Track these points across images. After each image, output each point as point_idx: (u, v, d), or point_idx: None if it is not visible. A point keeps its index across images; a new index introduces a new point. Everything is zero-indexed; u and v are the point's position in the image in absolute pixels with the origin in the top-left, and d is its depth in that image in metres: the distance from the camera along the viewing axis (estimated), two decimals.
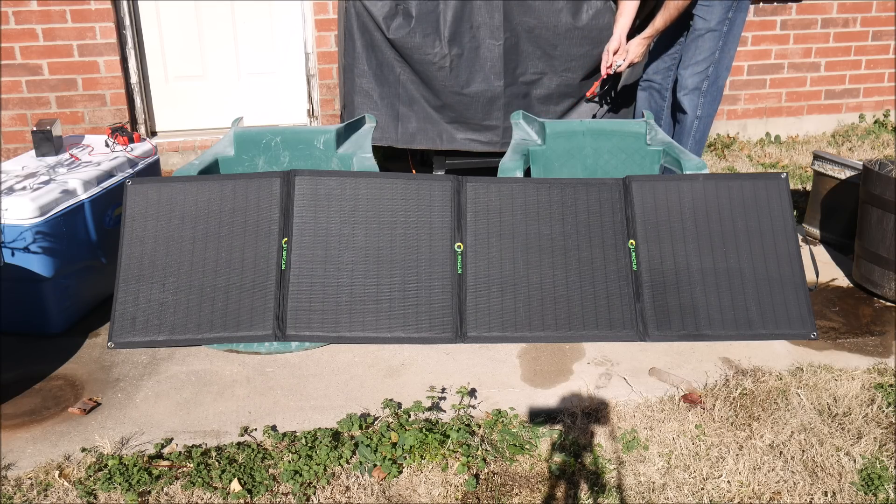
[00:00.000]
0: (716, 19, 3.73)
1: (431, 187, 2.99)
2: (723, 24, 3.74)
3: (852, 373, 2.71)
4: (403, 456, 2.28)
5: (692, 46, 3.80)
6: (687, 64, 3.83)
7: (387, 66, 4.01)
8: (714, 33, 3.74)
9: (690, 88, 3.85)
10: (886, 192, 3.12)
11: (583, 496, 2.15)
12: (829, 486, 2.18)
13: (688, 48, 3.82)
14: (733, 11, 3.75)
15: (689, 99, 3.86)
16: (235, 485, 2.16)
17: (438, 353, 2.86)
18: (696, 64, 3.81)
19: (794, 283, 2.91)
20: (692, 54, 3.80)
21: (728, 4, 3.72)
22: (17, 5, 4.60)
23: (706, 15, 3.73)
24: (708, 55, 3.78)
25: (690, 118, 3.89)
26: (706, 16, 3.73)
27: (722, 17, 3.73)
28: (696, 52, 3.80)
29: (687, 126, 3.91)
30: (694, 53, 3.80)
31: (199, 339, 2.77)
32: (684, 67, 3.83)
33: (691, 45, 3.80)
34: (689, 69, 3.82)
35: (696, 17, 3.77)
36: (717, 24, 3.74)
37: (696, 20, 3.77)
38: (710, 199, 3.02)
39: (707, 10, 3.73)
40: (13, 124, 4.84)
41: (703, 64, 3.80)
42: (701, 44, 3.78)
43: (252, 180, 2.96)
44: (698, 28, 3.76)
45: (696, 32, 3.78)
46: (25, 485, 2.17)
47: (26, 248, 2.83)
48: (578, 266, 2.91)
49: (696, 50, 3.79)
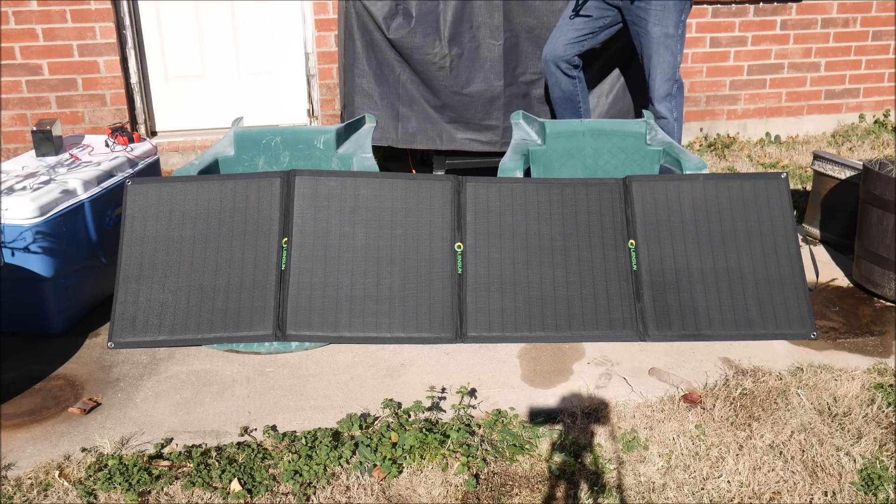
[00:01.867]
0: (672, 24, 3.69)
1: (431, 187, 2.99)
2: (678, 28, 3.71)
3: (852, 373, 2.71)
4: (403, 456, 2.28)
5: (655, 54, 3.73)
6: (654, 73, 3.77)
7: (387, 66, 4.01)
8: (672, 38, 3.71)
9: (664, 95, 3.80)
10: (886, 192, 3.12)
11: (583, 496, 2.15)
12: (829, 486, 2.18)
13: (650, 56, 3.75)
14: (685, 14, 3.73)
15: (665, 106, 3.82)
16: (235, 485, 2.16)
17: (438, 353, 2.86)
18: (664, 71, 3.75)
19: (794, 283, 2.91)
20: (657, 62, 3.74)
21: (681, 7, 3.69)
22: (17, 5, 4.60)
23: (662, 21, 3.68)
24: (672, 60, 3.74)
25: (670, 122, 3.88)
26: (662, 21, 3.68)
27: (677, 21, 3.70)
28: (660, 59, 3.74)
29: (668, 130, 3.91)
30: (659, 61, 3.74)
31: (199, 339, 2.77)
32: (652, 77, 3.78)
33: (653, 52, 3.73)
34: (657, 78, 3.77)
35: (651, 24, 3.69)
36: (674, 28, 3.70)
37: (650, 26, 3.70)
38: (710, 199, 3.02)
39: (662, 16, 3.68)
40: (13, 124, 4.84)
41: (671, 70, 3.76)
42: (663, 51, 3.72)
43: (252, 180, 2.96)
44: (655, 34, 3.70)
45: (655, 39, 3.71)
46: (25, 485, 2.17)
47: (26, 248, 2.83)
48: (578, 266, 2.91)
49: (659, 57, 3.73)
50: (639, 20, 3.74)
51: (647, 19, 3.71)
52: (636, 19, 3.75)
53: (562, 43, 3.83)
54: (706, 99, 5.64)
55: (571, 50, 3.83)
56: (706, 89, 5.61)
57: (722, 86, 5.63)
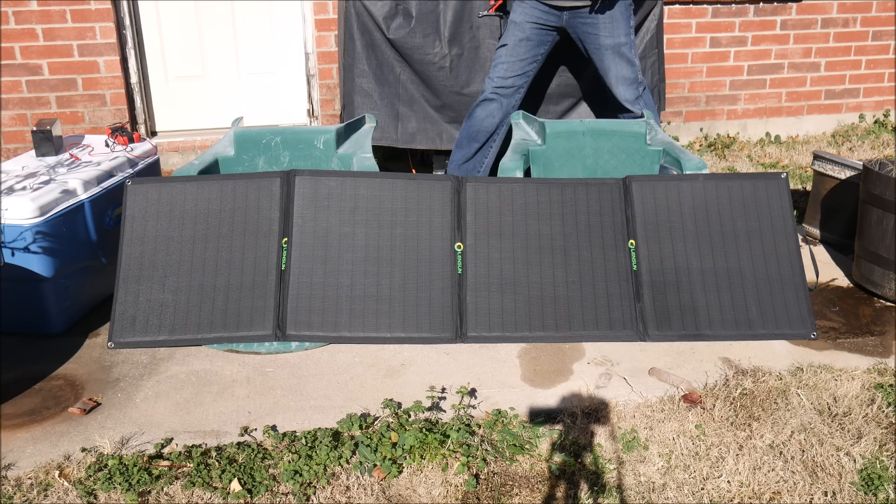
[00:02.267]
0: (623, 32, 3.63)
1: (431, 187, 2.99)
2: (629, 34, 3.66)
3: (852, 373, 2.71)
4: (403, 456, 2.28)
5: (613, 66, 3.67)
6: (617, 84, 3.70)
7: (387, 66, 4.01)
8: (626, 45, 3.65)
9: (633, 100, 3.75)
10: (886, 192, 3.12)
11: (583, 496, 2.15)
12: (829, 486, 2.18)
13: (608, 69, 3.68)
14: (632, 18, 3.69)
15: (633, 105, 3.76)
16: (235, 485, 2.16)
17: (438, 353, 2.86)
18: (626, 79, 3.70)
19: (794, 283, 2.91)
20: (617, 72, 3.68)
21: (628, 14, 3.64)
22: (17, 5, 4.59)
23: (612, 32, 3.61)
24: (631, 66, 3.69)
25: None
26: (612, 33, 3.61)
27: (627, 29, 3.65)
28: (619, 69, 3.68)
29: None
30: (619, 71, 3.68)
31: (199, 339, 2.77)
32: (615, 87, 3.71)
33: (611, 64, 3.67)
34: (621, 87, 3.71)
35: (602, 37, 3.62)
36: (626, 36, 3.65)
37: (601, 39, 3.63)
38: (710, 199, 3.02)
39: (611, 28, 3.61)
40: (13, 124, 4.84)
41: (632, 75, 3.71)
42: (619, 60, 3.66)
43: (252, 180, 2.96)
44: (608, 46, 3.63)
45: (609, 51, 3.64)
46: (25, 485, 2.17)
47: (26, 248, 2.83)
48: (578, 266, 2.91)
49: (618, 68, 3.68)
50: (588, 36, 3.65)
51: (597, 34, 3.63)
52: (585, 35, 3.66)
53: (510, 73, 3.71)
54: (706, 99, 5.64)
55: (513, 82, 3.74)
56: (706, 89, 5.61)
57: (722, 86, 5.63)
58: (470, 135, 3.83)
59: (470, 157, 3.86)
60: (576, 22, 3.64)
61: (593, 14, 3.59)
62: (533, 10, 3.63)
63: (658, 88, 4.32)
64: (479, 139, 3.84)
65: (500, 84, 3.72)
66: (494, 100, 3.75)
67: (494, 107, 3.76)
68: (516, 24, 3.65)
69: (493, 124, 3.79)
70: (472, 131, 3.81)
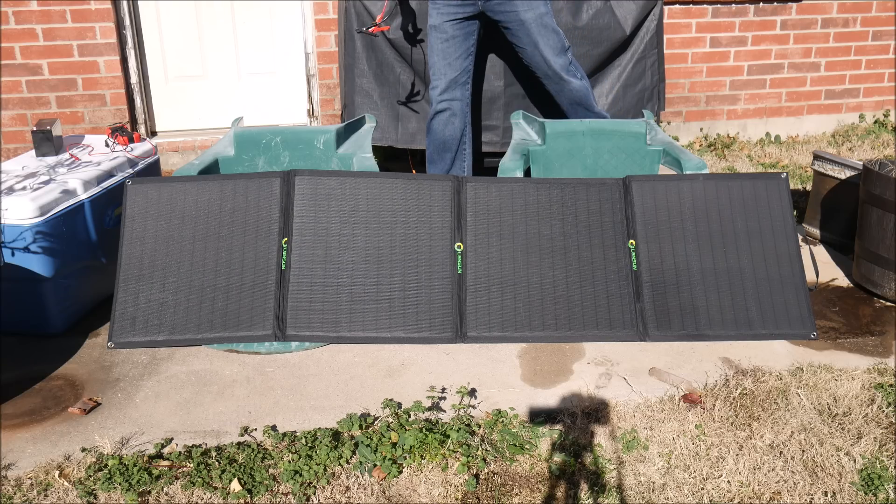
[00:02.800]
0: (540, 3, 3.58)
1: (431, 187, 2.99)
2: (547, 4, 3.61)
3: (852, 373, 2.71)
4: (403, 456, 2.28)
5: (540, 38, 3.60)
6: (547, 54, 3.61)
7: (387, 66, 4.01)
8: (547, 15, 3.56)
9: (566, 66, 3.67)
10: (886, 192, 3.12)
11: (583, 496, 2.15)
12: (829, 486, 2.18)
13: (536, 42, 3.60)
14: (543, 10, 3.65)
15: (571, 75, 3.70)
16: (235, 485, 2.16)
17: (438, 353, 2.86)
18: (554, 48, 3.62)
19: (794, 283, 2.91)
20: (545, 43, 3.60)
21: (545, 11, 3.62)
22: (17, 5, 4.60)
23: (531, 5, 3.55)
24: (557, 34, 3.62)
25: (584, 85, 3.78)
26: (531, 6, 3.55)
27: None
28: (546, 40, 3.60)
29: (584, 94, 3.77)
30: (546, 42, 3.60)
31: (199, 339, 2.77)
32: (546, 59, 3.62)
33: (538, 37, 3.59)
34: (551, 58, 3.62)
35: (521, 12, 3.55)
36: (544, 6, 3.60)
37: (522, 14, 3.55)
38: (710, 199, 3.02)
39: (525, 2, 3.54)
40: (13, 124, 4.84)
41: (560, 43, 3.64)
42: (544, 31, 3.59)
43: (252, 180, 2.96)
44: (530, 20, 3.56)
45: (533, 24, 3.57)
46: (25, 485, 2.17)
47: (26, 248, 2.83)
48: (578, 266, 2.91)
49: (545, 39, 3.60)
50: (507, 14, 3.59)
51: (515, 10, 3.56)
52: (505, 15, 3.60)
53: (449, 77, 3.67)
54: (706, 99, 5.64)
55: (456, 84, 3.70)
56: (706, 89, 5.61)
57: (722, 86, 5.63)
58: (438, 148, 3.81)
59: (449, 168, 3.86)
60: (492, 4, 3.59)
61: None
62: (446, 7, 3.60)
63: (658, 88, 4.32)
64: (450, 148, 3.82)
65: (444, 91, 3.70)
66: (446, 109, 3.73)
67: (447, 115, 3.74)
68: (436, 28, 3.64)
69: (456, 129, 3.77)
70: (439, 144, 3.79)
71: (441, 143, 3.78)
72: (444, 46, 3.63)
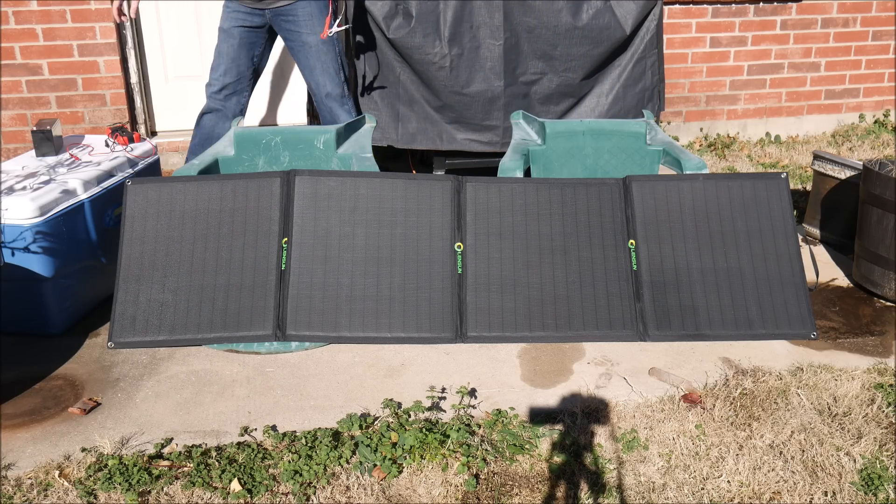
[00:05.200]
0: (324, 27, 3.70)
1: (431, 187, 2.99)
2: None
3: (852, 373, 2.71)
4: (403, 456, 2.28)
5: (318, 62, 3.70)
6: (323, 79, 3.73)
7: (387, 66, 4.01)
8: (328, 41, 3.68)
9: (340, 95, 3.78)
10: (886, 192, 3.12)
11: (583, 496, 2.15)
12: (829, 486, 2.18)
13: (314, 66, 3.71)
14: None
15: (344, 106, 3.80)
16: (235, 485, 2.16)
17: (438, 353, 2.86)
18: (332, 74, 3.73)
19: (794, 283, 2.91)
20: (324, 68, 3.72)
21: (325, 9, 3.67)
22: (17, 5, 4.59)
23: (313, 28, 3.65)
24: (336, 61, 3.73)
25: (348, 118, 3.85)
26: (313, 29, 3.65)
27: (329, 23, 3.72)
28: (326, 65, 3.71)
29: None
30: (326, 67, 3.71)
31: (199, 339, 2.77)
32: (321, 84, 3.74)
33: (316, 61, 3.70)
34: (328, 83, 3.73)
35: (304, 34, 3.66)
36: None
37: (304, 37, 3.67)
38: (710, 199, 3.02)
39: (311, 24, 3.65)
40: (13, 124, 4.84)
41: (338, 69, 3.74)
42: (324, 56, 3.70)
43: (252, 180, 2.96)
44: (312, 43, 3.67)
45: (314, 47, 3.68)
46: (25, 485, 2.17)
47: (26, 248, 2.83)
48: (578, 266, 2.91)
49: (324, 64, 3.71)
50: (291, 33, 3.70)
51: (299, 31, 3.67)
52: (288, 33, 3.71)
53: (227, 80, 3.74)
54: (706, 99, 5.64)
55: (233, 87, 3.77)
56: (706, 89, 5.61)
57: (722, 86, 5.63)
58: (202, 142, 3.87)
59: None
60: (278, 20, 3.70)
61: (293, 11, 3.64)
62: (237, 13, 3.68)
63: (658, 88, 4.32)
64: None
65: (219, 92, 3.78)
66: (218, 110, 3.81)
67: (218, 116, 3.82)
68: (224, 31, 3.71)
69: (226, 129, 3.84)
70: (205, 138, 3.85)
71: (207, 139, 3.85)
72: (229, 50, 3.73)
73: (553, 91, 4.14)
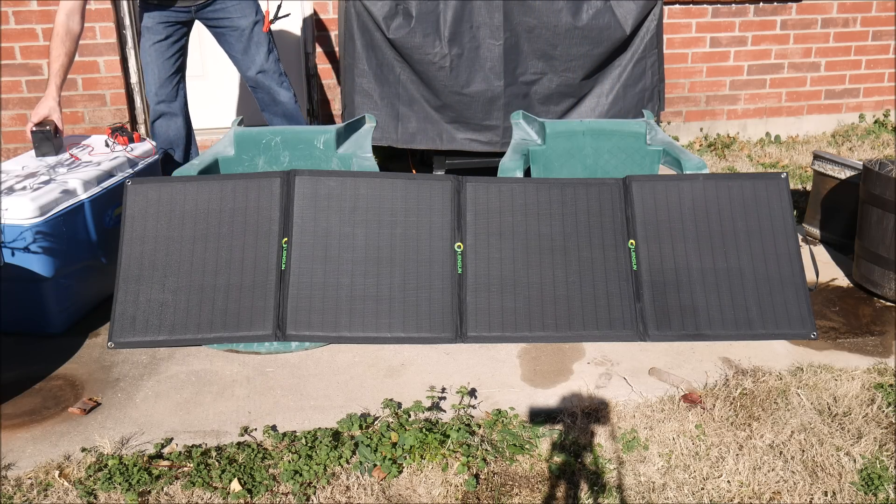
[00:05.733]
0: (252, 11, 3.82)
1: (431, 187, 2.99)
2: (258, 12, 3.84)
3: (852, 373, 2.71)
4: (403, 456, 2.28)
5: (253, 44, 3.83)
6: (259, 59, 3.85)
7: (387, 66, 4.01)
8: (260, 23, 3.82)
9: (280, 73, 3.91)
10: (886, 192, 3.12)
11: (583, 496, 2.15)
12: (829, 486, 2.18)
13: (248, 48, 3.83)
14: None
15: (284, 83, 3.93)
16: (235, 485, 2.16)
17: (438, 353, 2.86)
18: (267, 53, 3.86)
19: (794, 283, 2.91)
20: (258, 49, 3.84)
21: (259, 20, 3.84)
22: (17, 5, 4.59)
23: (244, 13, 3.78)
24: (269, 41, 3.86)
25: (291, 102, 3.99)
26: (244, 13, 3.78)
27: (256, 6, 3.84)
28: (259, 46, 3.84)
29: (292, 109, 3.99)
30: (259, 48, 3.84)
31: (199, 339, 2.77)
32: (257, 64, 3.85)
33: (251, 43, 3.83)
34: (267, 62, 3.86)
35: (236, 19, 3.78)
36: (257, 13, 3.84)
37: (236, 21, 3.79)
38: (710, 199, 3.02)
39: (242, 9, 3.78)
40: (13, 124, 4.84)
41: (272, 49, 3.88)
42: (258, 37, 3.83)
43: (252, 180, 2.96)
44: (244, 27, 3.79)
45: (246, 31, 3.80)
46: (25, 485, 2.17)
47: (26, 248, 2.83)
48: (578, 266, 2.91)
49: (258, 46, 3.84)
50: (221, 22, 3.81)
51: (230, 17, 3.79)
52: (218, 22, 3.82)
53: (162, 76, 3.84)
54: (706, 99, 5.64)
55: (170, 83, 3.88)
56: (706, 89, 5.62)
57: (722, 86, 5.63)
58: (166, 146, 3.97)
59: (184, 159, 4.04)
60: (205, 13, 3.80)
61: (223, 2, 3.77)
62: (159, 14, 3.75)
63: (658, 88, 4.32)
64: (179, 145, 4.01)
65: (162, 94, 3.87)
66: (163, 113, 3.91)
67: (166, 119, 3.92)
68: (149, 29, 3.77)
69: (180, 128, 3.97)
70: (166, 145, 3.96)
71: (168, 144, 3.97)
72: (157, 48, 3.80)
73: (553, 91, 4.14)
